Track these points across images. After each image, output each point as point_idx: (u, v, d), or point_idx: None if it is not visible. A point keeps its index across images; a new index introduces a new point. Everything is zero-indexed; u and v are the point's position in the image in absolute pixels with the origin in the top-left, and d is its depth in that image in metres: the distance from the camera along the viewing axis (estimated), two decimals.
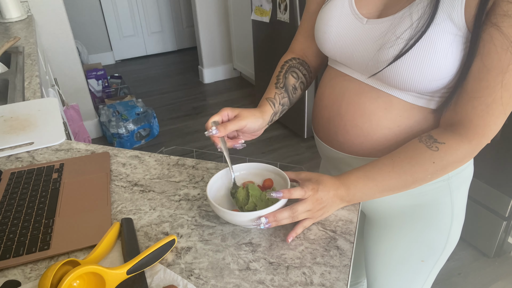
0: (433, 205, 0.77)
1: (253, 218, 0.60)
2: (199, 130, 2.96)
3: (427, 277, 0.86)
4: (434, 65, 0.60)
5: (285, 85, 0.80)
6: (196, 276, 0.57)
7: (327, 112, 0.78)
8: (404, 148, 0.66)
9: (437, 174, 0.65)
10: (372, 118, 0.71)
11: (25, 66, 1.52)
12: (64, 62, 2.60)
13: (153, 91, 3.70)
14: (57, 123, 1.03)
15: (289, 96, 0.81)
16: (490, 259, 1.77)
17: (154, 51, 4.67)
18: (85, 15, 4.08)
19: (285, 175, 0.68)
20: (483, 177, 1.65)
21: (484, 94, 0.58)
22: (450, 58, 0.59)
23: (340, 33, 0.71)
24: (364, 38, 0.68)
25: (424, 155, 0.63)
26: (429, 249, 0.81)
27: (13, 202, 0.73)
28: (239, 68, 3.70)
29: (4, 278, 0.58)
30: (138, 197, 0.75)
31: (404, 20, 0.62)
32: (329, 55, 0.76)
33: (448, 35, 0.58)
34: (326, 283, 0.56)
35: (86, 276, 0.52)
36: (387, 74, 0.64)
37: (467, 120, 0.61)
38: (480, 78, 0.58)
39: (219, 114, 0.71)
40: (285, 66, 0.83)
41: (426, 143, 0.64)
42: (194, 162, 0.85)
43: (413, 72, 0.61)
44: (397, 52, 0.61)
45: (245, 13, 3.17)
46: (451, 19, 0.58)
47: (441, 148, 0.62)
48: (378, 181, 0.65)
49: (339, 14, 0.71)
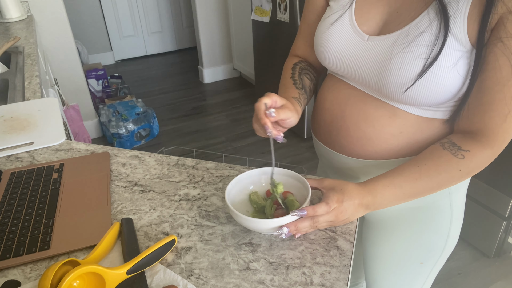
0: (432, 207, 0.77)
1: (274, 226, 0.59)
2: (199, 130, 2.96)
3: (426, 279, 0.86)
4: (440, 82, 0.61)
5: (303, 86, 0.78)
6: (196, 276, 0.58)
7: (329, 114, 0.78)
8: (429, 155, 0.65)
9: (461, 179, 0.65)
10: (376, 123, 0.71)
11: (25, 66, 1.52)
12: (64, 62, 2.60)
13: (153, 91, 3.70)
14: (57, 123, 1.03)
15: (307, 96, 0.79)
16: (490, 259, 1.76)
17: (154, 51, 4.66)
18: (85, 15, 4.08)
19: (307, 183, 0.65)
20: (483, 177, 1.65)
21: (500, 105, 0.60)
22: (455, 75, 0.60)
23: (341, 50, 0.71)
24: (365, 55, 0.68)
25: (451, 163, 0.63)
26: (428, 251, 0.81)
27: (13, 202, 0.73)
28: (239, 68, 3.70)
29: (4, 278, 0.58)
30: (138, 197, 0.75)
31: (407, 39, 0.62)
32: (331, 69, 0.76)
33: (453, 51, 0.59)
34: (326, 283, 0.56)
35: (86, 276, 0.52)
36: (392, 92, 0.65)
37: (487, 129, 0.62)
38: (496, 91, 0.59)
39: (270, 98, 0.63)
40: (296, 68, 0.81)
41: (451, 150, 0.64)
42: (194, 162, 0.85)
43: (419, 91, 0.62)
44: (412, 74, 0.62)
45: (245, 13, 3.17)
46: (454, 37, 0.59)
47: (466, 156, 0.63)
48: (405, 188, 0.64)
49: (339, 30, 0.71)
